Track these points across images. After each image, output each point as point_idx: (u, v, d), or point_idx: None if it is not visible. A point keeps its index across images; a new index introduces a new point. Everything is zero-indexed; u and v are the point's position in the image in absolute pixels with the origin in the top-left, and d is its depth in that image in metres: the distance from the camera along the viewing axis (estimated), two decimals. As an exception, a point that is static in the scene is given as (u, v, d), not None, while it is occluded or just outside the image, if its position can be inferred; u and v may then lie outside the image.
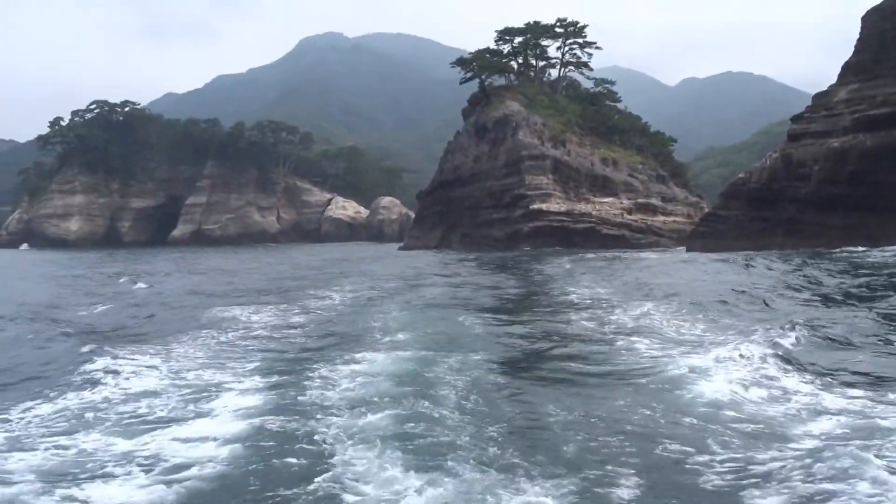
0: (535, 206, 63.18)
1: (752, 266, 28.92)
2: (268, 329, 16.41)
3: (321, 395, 9.73)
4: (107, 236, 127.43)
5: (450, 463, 7.01)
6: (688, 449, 7.32)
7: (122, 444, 7.99)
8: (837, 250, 36.72)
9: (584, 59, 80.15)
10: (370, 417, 8.56)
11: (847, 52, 45.17)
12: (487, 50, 78.94)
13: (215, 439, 8.04)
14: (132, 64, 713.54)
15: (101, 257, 69.58)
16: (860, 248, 36.27)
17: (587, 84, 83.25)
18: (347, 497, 6.43)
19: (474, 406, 9.09)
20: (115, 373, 11.32)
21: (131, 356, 12.71)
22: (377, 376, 10.65)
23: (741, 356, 10.97)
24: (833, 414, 8.22)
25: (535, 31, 78.41)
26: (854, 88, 42.29)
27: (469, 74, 75.49)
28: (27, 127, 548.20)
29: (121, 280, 35.53)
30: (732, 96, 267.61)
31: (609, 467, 6.91)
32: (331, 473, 6.89)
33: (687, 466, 6.91)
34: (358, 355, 12.30)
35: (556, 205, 63.34)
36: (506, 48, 79.33)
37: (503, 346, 13.79)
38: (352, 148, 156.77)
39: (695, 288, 22.60)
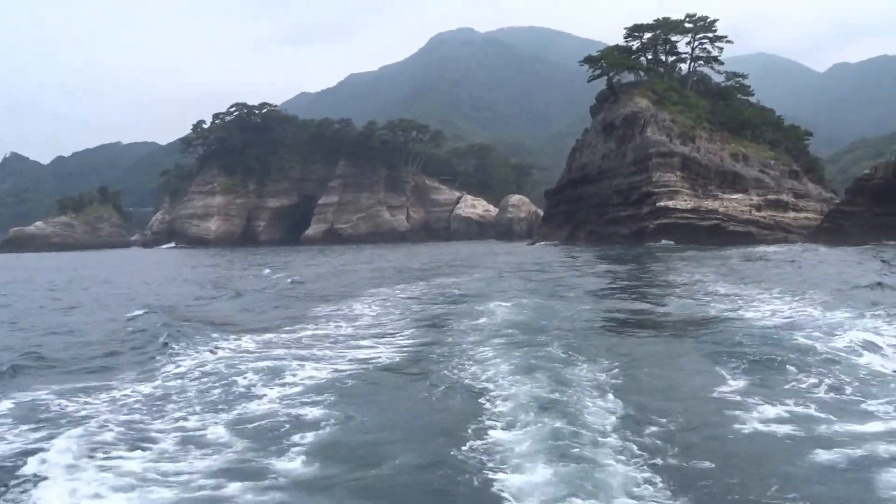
0: (662, 204, 66.41)
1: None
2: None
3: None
4: (243, 235, 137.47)
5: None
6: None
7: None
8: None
9: (715, 53, 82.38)
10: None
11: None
12: (616, 47, 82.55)
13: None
14: (268, 67, 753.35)
15: (246, 255, 78.28)
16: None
17: (718, 78, 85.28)
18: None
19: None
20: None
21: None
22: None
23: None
24: None
25: (665, 27, 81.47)
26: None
27: (597, 72, 79.49)
28: (167, 130, 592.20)
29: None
30: (889, 82, 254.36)
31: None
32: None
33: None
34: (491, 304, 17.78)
35: (682, 202, 66.38)
36: (635, 44, 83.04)
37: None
38: (482, 145, 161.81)
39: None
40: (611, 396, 9.90)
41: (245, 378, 11.68)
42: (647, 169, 69.06)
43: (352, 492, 7.16)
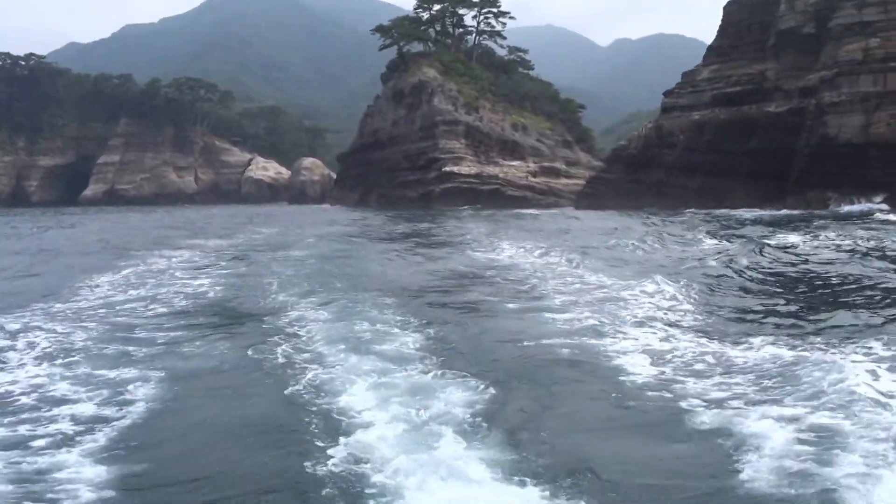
0: (447, 169, 73.01)
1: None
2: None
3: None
4: (13, 196, 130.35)
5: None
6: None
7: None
8: (687, 210, 47.49)
9: (498, 28, 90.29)
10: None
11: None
12: (407, 17, 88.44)
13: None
14: (25, 10, 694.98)
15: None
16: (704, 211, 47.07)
17: (501, 52, 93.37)
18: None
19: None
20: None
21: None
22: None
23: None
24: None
25: (452, 1, 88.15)
26: (715, 69, 53.24)
27: (388, 42, 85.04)
28: None
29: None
30: (663, 59, 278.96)
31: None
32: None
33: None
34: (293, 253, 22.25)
35: (466, 167, 73.32)
36: (425, 15, 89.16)
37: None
38: (273, 107, 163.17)
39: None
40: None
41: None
42: (433, 136, 75.35)
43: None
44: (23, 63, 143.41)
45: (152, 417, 7.94)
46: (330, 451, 6.72)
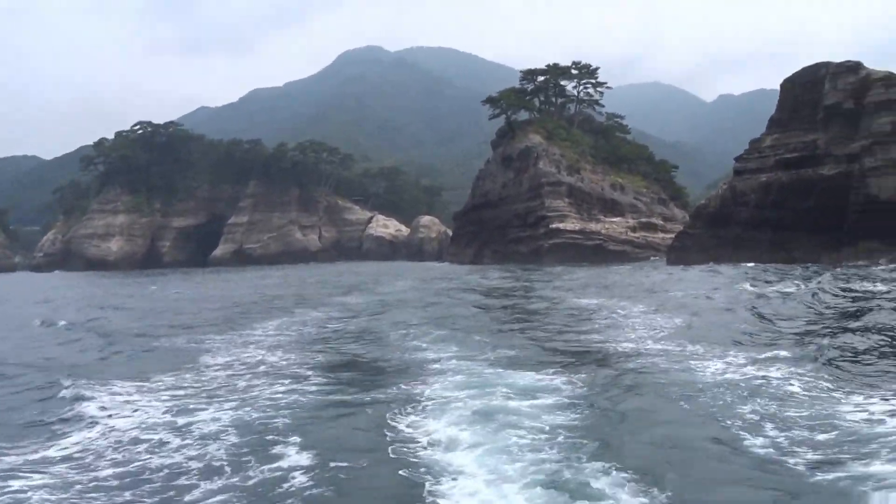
0: (554, 226, 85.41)
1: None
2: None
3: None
4: (147, 256, 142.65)
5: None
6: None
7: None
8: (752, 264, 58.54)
9: (596, 96, 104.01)
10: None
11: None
12: (513, 89, 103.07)
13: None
14: (164, 78, 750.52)
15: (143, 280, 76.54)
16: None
17: (600, 118, 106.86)
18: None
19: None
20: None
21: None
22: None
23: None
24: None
25: (554, 73, 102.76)
26: (776, 137, 64.44)
27: (497, 112, 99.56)
28: (51, 143, 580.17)
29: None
30: (766, 114, 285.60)
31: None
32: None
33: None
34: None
35: (571, 224, 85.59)
36: (529, 87, 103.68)
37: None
38: (392, 168, 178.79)
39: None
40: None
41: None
42: (540, 196, 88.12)
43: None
44: (162, 131, 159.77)
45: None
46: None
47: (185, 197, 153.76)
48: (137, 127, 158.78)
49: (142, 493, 8.73)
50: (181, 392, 13.90)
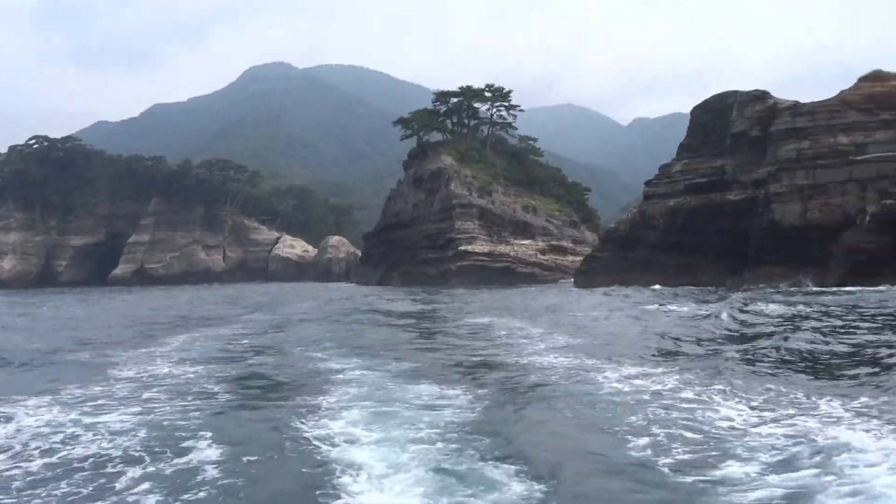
0: (462, 248, 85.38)
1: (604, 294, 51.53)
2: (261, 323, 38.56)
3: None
4: (41, 276, 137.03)
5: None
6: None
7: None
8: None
9: (510, 119, 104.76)
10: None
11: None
12: (426, 110, 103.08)
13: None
14: (59, 91, 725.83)
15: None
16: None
17: (513, 141, 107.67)
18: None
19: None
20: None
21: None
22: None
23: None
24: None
25: (468, 95, 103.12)
26: (686, 163, 65.75)
27: (409, 132, 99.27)
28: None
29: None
30: (679, 137, 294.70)
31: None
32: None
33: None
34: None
35: (479, 247, 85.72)
36: (442, 108, 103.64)
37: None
38: (301, 186, 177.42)
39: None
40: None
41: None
42: (450, 218, 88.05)
43: None
44: (59, 146, 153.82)
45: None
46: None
47: (83, 214, 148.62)
48: (33, 141, 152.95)
49: (76, 482, 9.25)
50: (91, 401, 14.21)
